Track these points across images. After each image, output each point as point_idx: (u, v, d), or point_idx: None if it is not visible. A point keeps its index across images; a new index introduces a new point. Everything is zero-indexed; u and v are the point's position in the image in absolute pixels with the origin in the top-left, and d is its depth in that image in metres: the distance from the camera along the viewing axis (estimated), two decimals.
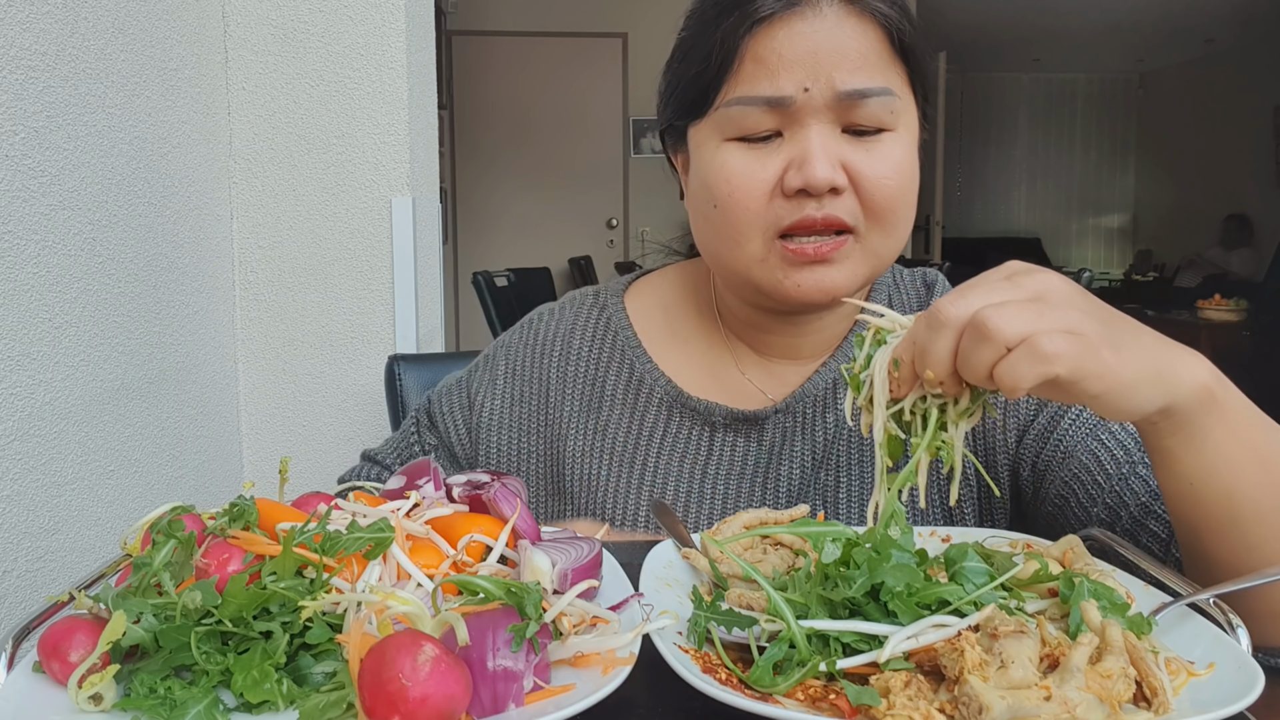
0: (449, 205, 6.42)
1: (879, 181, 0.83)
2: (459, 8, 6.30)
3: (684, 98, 0.90)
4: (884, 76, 0.83)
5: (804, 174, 0.81)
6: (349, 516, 0.64)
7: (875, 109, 0.82)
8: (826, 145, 0.82)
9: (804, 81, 0.82)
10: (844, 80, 0.81)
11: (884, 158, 0.84)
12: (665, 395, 0.98)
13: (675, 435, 0.98)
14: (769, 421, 0.96)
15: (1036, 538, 0.72)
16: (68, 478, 1.19)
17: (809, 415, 0.96)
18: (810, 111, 0.82)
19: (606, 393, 1.00)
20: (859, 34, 0.82)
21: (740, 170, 0.85)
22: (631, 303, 1.05)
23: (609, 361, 1.02)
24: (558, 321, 1.06)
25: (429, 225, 1.80)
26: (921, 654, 0.53)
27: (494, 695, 0.50)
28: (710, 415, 0.96)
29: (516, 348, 1.06)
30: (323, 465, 1.74)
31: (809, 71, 0.82)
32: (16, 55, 1.08)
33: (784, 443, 0.95)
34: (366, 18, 1.66)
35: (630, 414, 0.99)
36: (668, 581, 0.67)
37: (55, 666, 0.53)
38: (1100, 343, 0.58)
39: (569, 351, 1.03)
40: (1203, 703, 0.50)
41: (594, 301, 1.06)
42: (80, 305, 1.21)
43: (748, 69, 0.83)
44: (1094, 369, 0.58)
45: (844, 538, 0.60)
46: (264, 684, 0.51)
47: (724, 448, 0.96)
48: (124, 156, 1.32)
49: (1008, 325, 0.57)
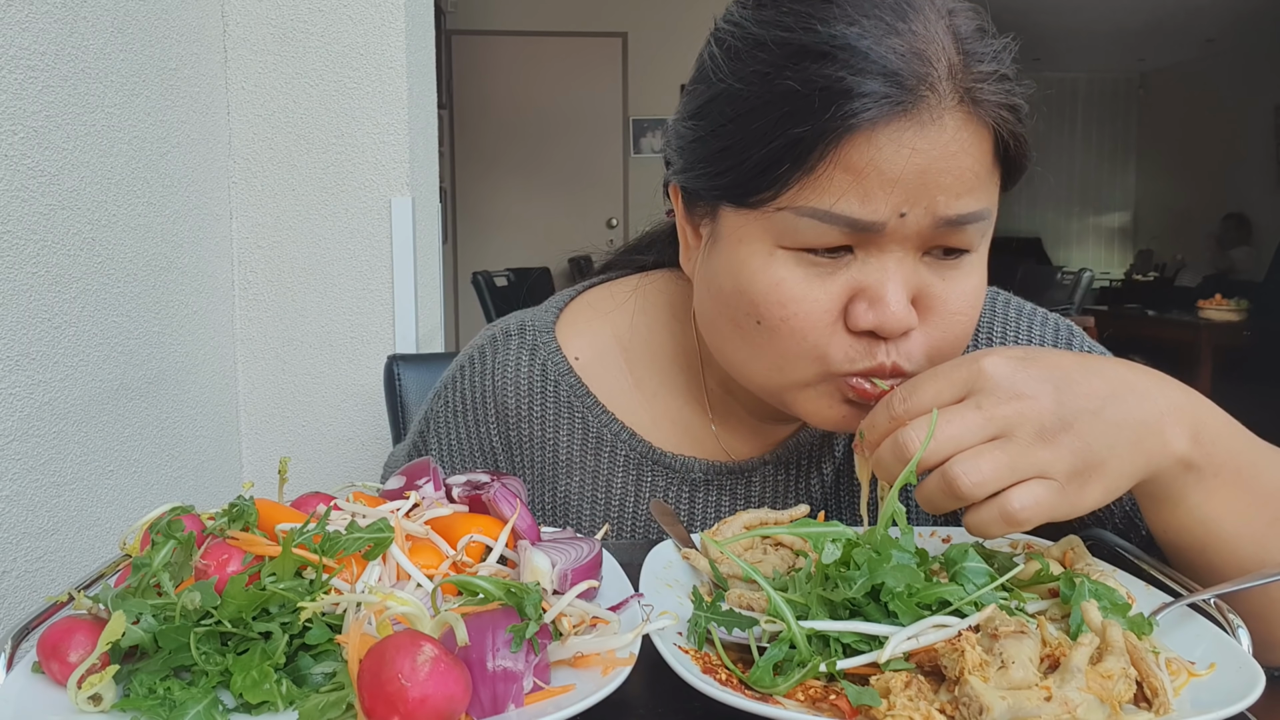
0: (449, 205, 6.42)
1: (953, 318, 0.69)
2: (459, 8, 6.30)
3: (732, 179, 0.69)
4: (988, 195, 0.69)
5: (878, 314, 0.67)
6: (348, 517, 0.64)
7: (971, 234, 0.68)
8: (907, 279, 0.67)
9: (901, 206, 0.65)
10: (948, 205, 0.66)
11: (961, 289, 0.69)
12: (632, 453, 0.85)
13: (650, 499, 0.85)
14: (757, 475, 0.84)
15: (1036, 538, 0.72)
16: (68, 478, 1.18)
17: (803, 466, 0.84)
18: (900, 239, 0.67)
19: (560, 458, 0.85)
20: (973, 147, 0.66)
21: (800, 295, 0.68)
22: (569, 337, 0.88)
23: (556, 419, 0.85)
24: (482, 376, 0.88)
25: (429, 225, 1.80)
26: (922, 654, 0.53)
27: (494, 696, 0.50)
28: (689, 471, 0.84)
29: (446, 419, 0.90)
30: (322, 465, 1.74)
31: (911, 194, 0.65)
32: (16, 55, 1.08)
33: (775, 498, 0.85)
34: (366, 18, 1.66)
35: (593, 481, 0.85)
36: (668, 582, 0.67)
37: (54, 667, 0.53)
38: (1068, 482, 0.59)
39: (506, 413, 0.87)
40: (1203, 703, 0.50)
41: (520, 342, 0.88)
42: (80, 305, 1.21)
43: (833, 177, 0.65)
44: (1063, 512, 0.59)
45: (844, 538, 0.59)
46: (263, 684, 0.51)
47: (708, 508, 0.84)
48: (123, 156, 1.31)
49: (978, 488, 0.57)
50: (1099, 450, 0.59)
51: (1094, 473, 0.59)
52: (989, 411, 0.59)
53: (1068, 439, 0.59)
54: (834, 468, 0.85)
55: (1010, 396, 0.59)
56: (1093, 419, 0.59)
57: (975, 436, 0.59)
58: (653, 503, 0.80)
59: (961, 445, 0.58)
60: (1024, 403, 0.59)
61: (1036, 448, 0.58)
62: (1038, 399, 0.59)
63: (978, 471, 0.57)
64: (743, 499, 0.85)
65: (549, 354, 0.87)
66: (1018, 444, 0.58)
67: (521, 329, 0.89)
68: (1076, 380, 0.60)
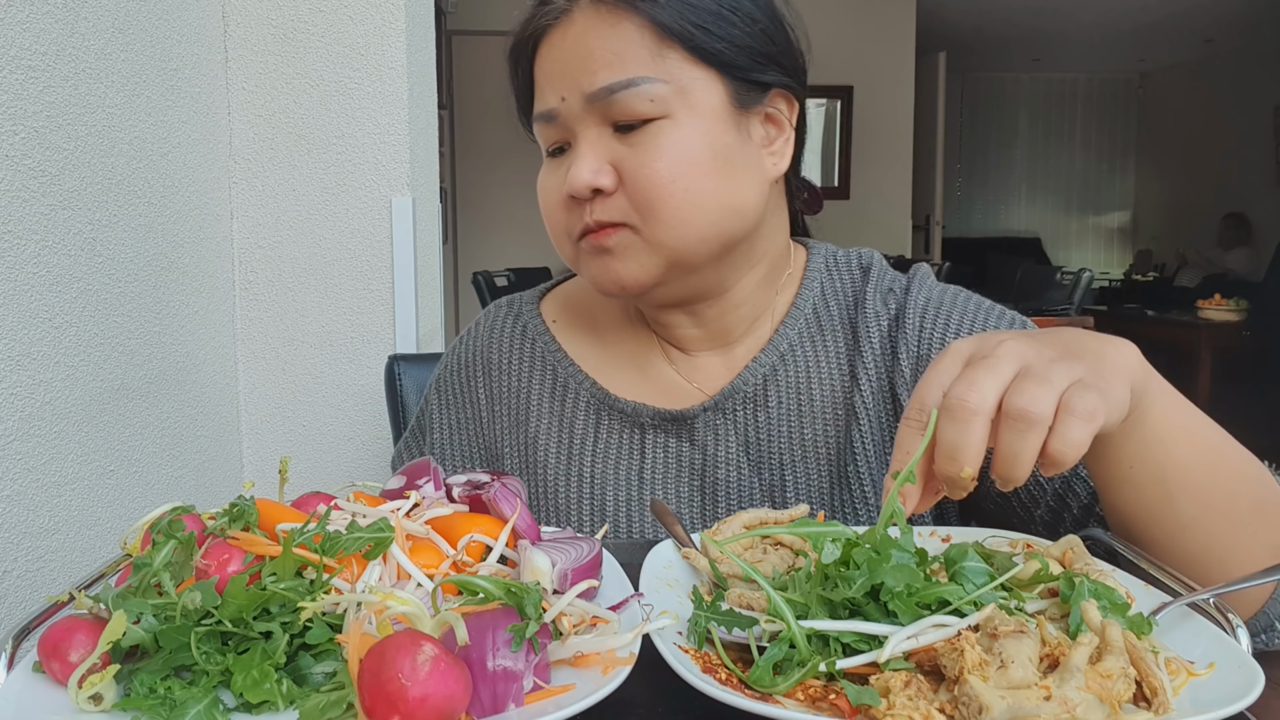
0: (449, 205, 6.42)
1: (639, 172, 0.81)
2: (459, 8, 6.30)
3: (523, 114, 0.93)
4: (644, 66, 0.81)
5: (569, 181, 0.83)
6: (349, 517, 0.64)
7: (629, 101, 0.81)
8: (596, 147, 0.83)
9: (560, 93, 0.84)
10: (590, 82, 0.82)
11: (648, 148, 0.81)
12: (592, 399, 0.96)
13: (606, 440, 0.95)
14: (699, 420, 0.93)
15: (1036, 538, 0.72)
16: (68, 478, 1.19)
17: (739, 413, 0.93)
18: (574, 119, 0.84)
19: (533, 403, 0.98)
20: (609, 32, 0.82)
21: (544, 184, 0.89)
22: (547, 307, 1.03)
23: (530, 370, 0.99)
24: (474, 339, 1.05)
25: (429, 225, 1.80)
26: (921, 654, 0.53)
27: (494, 695, 0.50)
28: (639, 416, 0.94)
29: (444, 378, 1.06)
30: (323, 465, 1.74)
31: (562, 82, 0.84)
32: (16, 55, 1.08)
33: (717, 442, 0.93)
34: (366, 18, 1.66)
35: (559, 423, 0.96)
36: (668, 581, 0.67)
37: (55, 666, 0.53)
38: (1096, 377, 0.58)
39: (490, 367, 1.01)
40: (1203, 703, 0.50)
41: (508, 310, 1.05)
42: (80, 305, 1.21)
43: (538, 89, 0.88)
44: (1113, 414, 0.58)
45: (844, 538, 0.60)
46: (264, 684, 0.51)
47: (657, 449, 0.94)
48: (124, 156, 1.32)
49: (1042, 404, 0.55)
50: (1088, 357, 0.60)
51: (1103, 382, 0.59)
52: (994, 357, 0.58)
53: (1069, 356, 0.59)
54: (768, 415, 0.93)
55: (998, 342, 0.60)
56: (1070, 348, 0.61)
57: (1003, 377, 0.57)
58: (653, 502, 0.81)
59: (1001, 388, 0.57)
60: (1014, 340, 0.60)
61: (1057, 363, 0.58)
62: (1018, 338, 0.60)
63: (1028, 393, 0.56)
64: (688, 442, 0.94)
65: (530, 319, 1.02)
66: (1041, 363, 0.58)
67: (511, 302, 1.06)
68: (1036, 333, 0.64)
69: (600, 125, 0.83)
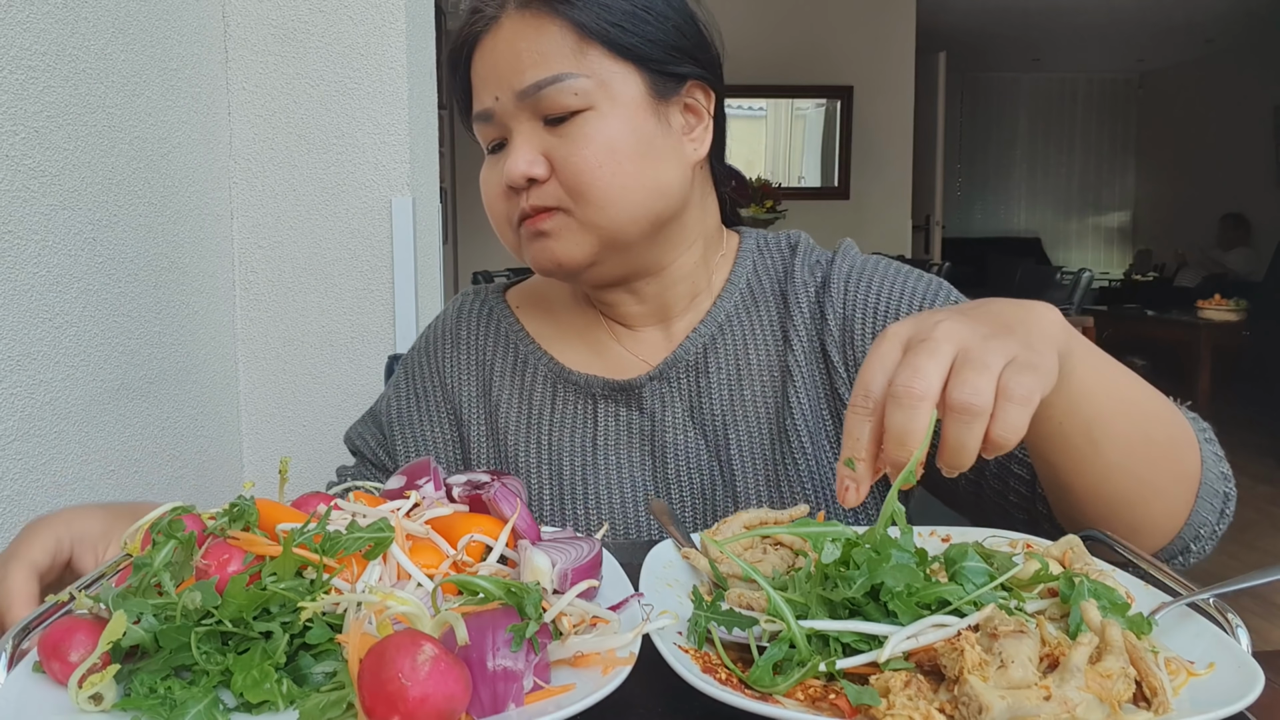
0: (449, 205, 6.42)
1: (569, 160, 0.88)
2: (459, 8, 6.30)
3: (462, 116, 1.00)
4: (568, 64, 0.88)
5: (505, 173, 0.90)
6: (348, 517, 0.64)
7: (556, 96, 0.88)
8: (529, 140, 0.90)
9: (494, 93, 0.91)
10: (518, 81, 0.89)
11: (576, 138, 0.88)
12: (549, 373, 1.04)
13: (562, 411, 1.02)
14: (645, 389, 1.00)
15: (1036, 537, 0.72)
16: (68, 478, 1.19)
17: (683, 381, 1.00)
18: (508, 116, 0.91)
19: (495, 375, 1.06)
20: (535, 35, 0.89)
21: (485, 179, 0.96)
22: (511, 295, 1.12)
23: (495, 346, 1.07)
24: (444, 319, 1.13)
25: (429, 225, 1.80)
26: (921, 654, 0.53)
27: (494, 695, 0.50)
28: (591, 388, 1.01)
29: (412, 355, 1.13)
30: (323, 465, 1.74)
31: (494, 83, 0.91)
32: (16, 55, 1.08)
33: (664, 409, 0.99)
34: (366, 18, 1.66)
35: (519, 394, 1.04)
36: (668, 581, 0.67)
37: (55, 666, 0.53)
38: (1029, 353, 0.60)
39: (459, 341, 1.09)
40: (1202, 703, 0.50)
41: (475, 296, 1.13)
42: (80, 305, 1.21)
43: (474, 91, 0.95)
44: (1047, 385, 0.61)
45: (844, 538, 0.60)
46: (264, 684, 0.51)
47: (608, 419, 1.01)
48: (124, 156, 1.32)
49: (981, 395, 0.58)
50: (1016, 328, 0.63)
51: (1031, 342, 0.62)
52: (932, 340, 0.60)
53: (1002, 331, 0.62)
54: (708, 380, 0.99)
55: (934, 323, 0.62)
56: (1001, 322, 0.63)
57: (944, 359, 0.60)
58: (653, 502, 0.82)
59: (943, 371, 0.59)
60: (949, 320, 0.62)
61: (992, 341, 0.60)
62: (953, 317, 0.62)
63: (970, 385, 0.58)
64: (637, 410, 1.00)
65: (495, 303, 1.11)
66: (977, 343, 0.60)
67: (478, 290, 1.14)
68: (966, 309, 0.66)
69: (532, 120, 0.90)
